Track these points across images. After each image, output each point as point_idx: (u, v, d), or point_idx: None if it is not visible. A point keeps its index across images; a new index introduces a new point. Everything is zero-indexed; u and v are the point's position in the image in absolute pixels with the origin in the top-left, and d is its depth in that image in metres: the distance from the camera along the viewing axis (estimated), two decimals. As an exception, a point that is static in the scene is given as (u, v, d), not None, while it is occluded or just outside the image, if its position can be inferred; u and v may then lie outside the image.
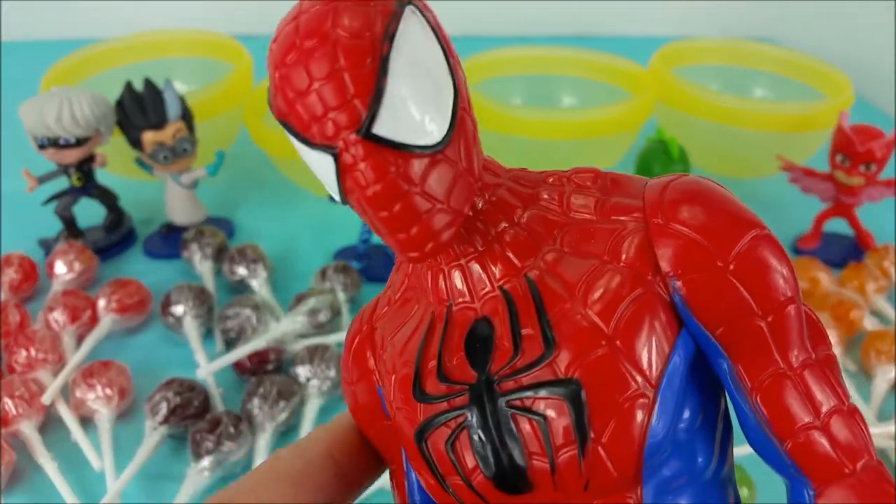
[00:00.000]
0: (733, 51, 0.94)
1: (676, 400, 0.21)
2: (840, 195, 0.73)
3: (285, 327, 0.60)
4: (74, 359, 0.59)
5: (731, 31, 1.27)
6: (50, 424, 0.56)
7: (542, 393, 0.20)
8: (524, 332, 0.21)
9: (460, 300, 0.23)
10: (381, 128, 0.19)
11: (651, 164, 0.65)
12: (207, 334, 0.64)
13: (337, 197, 0.21)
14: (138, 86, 0.69)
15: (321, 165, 0.20)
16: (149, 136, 0.68)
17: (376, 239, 0.71)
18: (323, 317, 0.62)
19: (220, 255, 0.71)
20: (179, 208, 0.74)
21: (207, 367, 0.58)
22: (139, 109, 0.68)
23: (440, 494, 0.23)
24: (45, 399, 0.55)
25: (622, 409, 0.20)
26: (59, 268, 0.68)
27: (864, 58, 1.08)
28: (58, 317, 0.62)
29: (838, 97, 0.81)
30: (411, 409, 0.22)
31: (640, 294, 0.21)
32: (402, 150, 0.19)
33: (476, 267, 0.22)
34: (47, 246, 0.73)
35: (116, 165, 0.75)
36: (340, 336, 0.62)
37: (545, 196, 0.23)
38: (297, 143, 0.21)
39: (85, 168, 0.70)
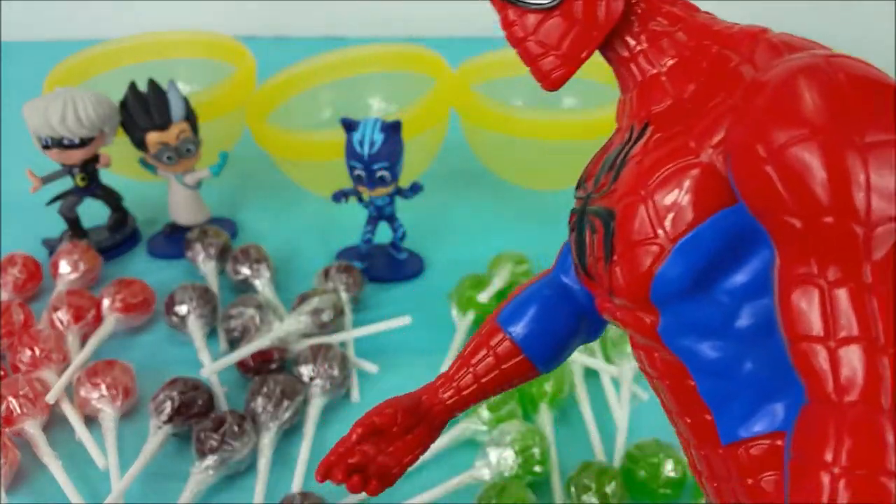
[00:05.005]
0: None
1: (702, 260, 0.24)
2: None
3: (288, 327, 0.60)
4: (79, 358, 0.59)
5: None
6: (54, 423, 0.56)
7: (598, 213, 0.27)
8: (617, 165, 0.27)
9: (620, 124, 0.29)
10: None
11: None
12: (211, 334, 0.64)
13: None
14: (142, 86, 0.69)
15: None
16: (153, 137, 0.68)
17: (378, 239, 0.72)
18: (326, 316, 0.62)
19: (223, 255, 0.71)
20: (183, 208, 0.74)
21: (211, 367, 0.58)
22: (143, 110, 0.68)
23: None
24: (50, 398, 0.55)
25: (635, 248, 0.25)
26: (64, 267, 0.68)
27: (864, 58, 1.08)
28: (62, 316, 0.62)
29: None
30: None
31: (688, 162, 0.24)
32: (519, 6, 0.28)
33: (630, 97, 0.29)
34: (51, 246, 0.73)
35: (120, 166, 0.75)
36: (343, 335, 0.62)
37: (697, 49, 0.27)
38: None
39: (89, 168, 0.70)
